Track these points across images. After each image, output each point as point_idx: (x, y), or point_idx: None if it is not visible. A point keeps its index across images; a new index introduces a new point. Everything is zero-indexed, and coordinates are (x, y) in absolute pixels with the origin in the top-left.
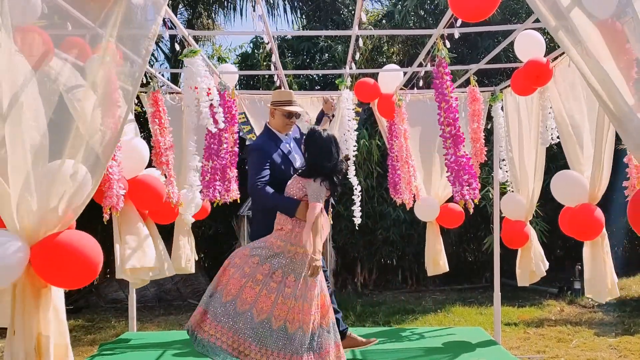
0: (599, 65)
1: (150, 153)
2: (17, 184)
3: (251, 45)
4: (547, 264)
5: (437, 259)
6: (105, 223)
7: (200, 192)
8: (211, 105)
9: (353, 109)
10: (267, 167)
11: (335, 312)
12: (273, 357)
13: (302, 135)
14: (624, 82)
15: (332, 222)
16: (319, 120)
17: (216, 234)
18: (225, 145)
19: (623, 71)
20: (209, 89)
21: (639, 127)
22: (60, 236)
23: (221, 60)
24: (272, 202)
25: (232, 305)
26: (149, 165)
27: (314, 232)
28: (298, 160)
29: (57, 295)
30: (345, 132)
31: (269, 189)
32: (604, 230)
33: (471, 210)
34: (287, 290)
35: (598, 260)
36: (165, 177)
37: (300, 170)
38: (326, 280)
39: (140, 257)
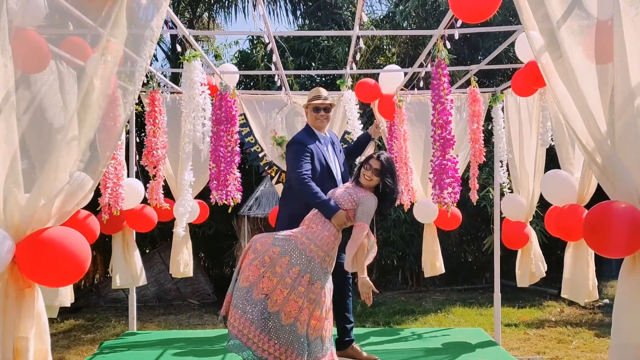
0: (578, 89)
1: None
2: (1, 177)
3: (248, 43)
4: (545, 265)
5: (434, 261)
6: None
7: (210, 195)
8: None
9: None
10: (308, 160)
11: (348, 322)
12: (280, 351)
13: (340, 141)
14: (600, 107)
15: (377, 246)
16: (363, 142)
17: (216, 234)
18: (229, 148)
19: (602, 94)
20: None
21: (609, 156)
22: (46, 232)
23: (217, 57)
24: (315, 199)
25: (249, 292)
26: (141, 167)
27: (361, 252)
28: (332, 163)
29: (39, 298)
30: (346, 132)
31: (315, 185)
32: None
33: (449, 213)
34: (300, 289)
35: (581, 262)
36: (153, 177)
37: (357, 181)
38: (349, 287)
39: (52, 295)
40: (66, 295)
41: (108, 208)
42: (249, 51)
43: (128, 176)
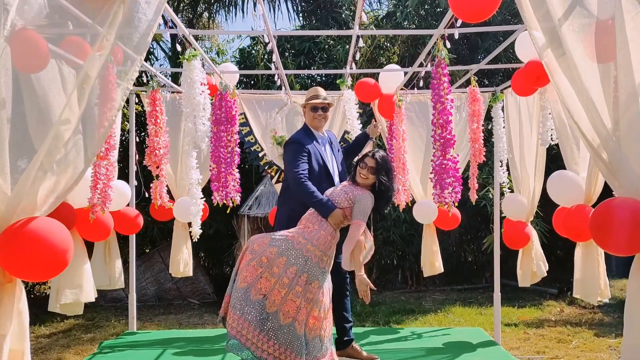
0: (582, 85)
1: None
2: None
3: (249, 40)
4: (547, 265)
5: (433, 261)
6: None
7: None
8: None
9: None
10: (305, 160)
11: (347, 321)
12: (280, 351)
13: (340, 140)
14: (604, 103)
15: (374, 245)
16: (361, 142)
17: (216, 234)
18: (229, 148)
19: (605, 91)
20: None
21: (614, 152)
22: (26, 224)
23: (220, 53)
24: (311, 199)
25: (247, 292)
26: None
27: (358, 250)
28: (330, 162)
29: (22, 296)
30: (345, 131)
31: (311, 185)
32: None
33: (450, 213)
34: (298, 289)
35: (591, 262)
36: (157, 177)
37: (353, 179)
38: (347, 286)
39: (77, 292)
40: (90, 291)
41: (95, 208)
42: (250, 48)
43: (128, 176)
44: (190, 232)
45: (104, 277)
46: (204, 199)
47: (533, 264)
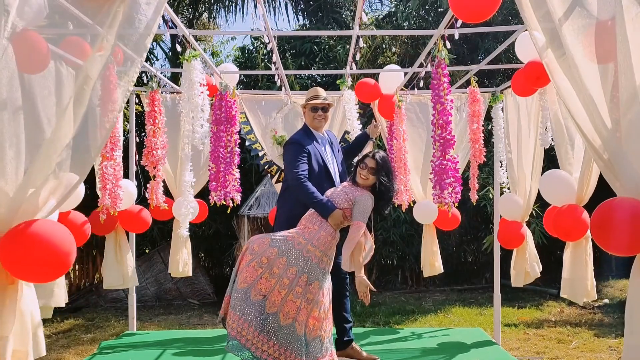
0: (583, 85)
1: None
2: None
3: (250, 39)
4: (540, 266)
5: (433, 261)
6: (102, 222)
7: (209, 195)
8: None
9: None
10: (305, 160)
11: (347, 321)
12: (280, 352)
13: (340, 140)
14: (605, 103)
15: (375, 245)
16: (361, 142)
17: (216, 234)
18: (229, 148)
19: (605, 91)
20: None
21: (616, 152)
22: (29, 226)
23: (214, 54)
24: (311, 199)
25: (247, 293)
26: (141, 167)
27: (358, 251)
28: (330, 163)
29: (26, 296)
30: (345, 132)
31: (311, 185)
32: (589, 232)
33: (450, 214)
34: (298, 289)
35: (579, 262)
36: (153, 177)
37: (354, 180)
38: (346, 286)
39: (47, 295)
40: (61, 296)
41: (106, 208)
42: (252, 48)
43: (128, 177)
44: (192, 231)
45: (117, 276)
46: (194, 202)
47: (527, 265)
